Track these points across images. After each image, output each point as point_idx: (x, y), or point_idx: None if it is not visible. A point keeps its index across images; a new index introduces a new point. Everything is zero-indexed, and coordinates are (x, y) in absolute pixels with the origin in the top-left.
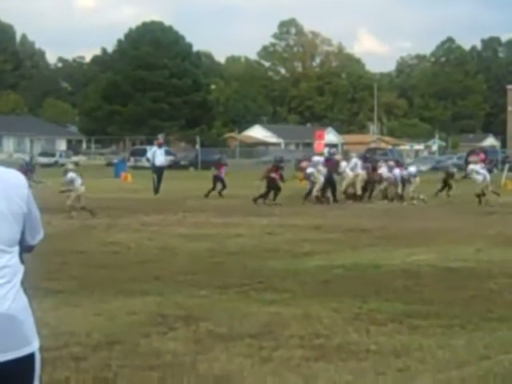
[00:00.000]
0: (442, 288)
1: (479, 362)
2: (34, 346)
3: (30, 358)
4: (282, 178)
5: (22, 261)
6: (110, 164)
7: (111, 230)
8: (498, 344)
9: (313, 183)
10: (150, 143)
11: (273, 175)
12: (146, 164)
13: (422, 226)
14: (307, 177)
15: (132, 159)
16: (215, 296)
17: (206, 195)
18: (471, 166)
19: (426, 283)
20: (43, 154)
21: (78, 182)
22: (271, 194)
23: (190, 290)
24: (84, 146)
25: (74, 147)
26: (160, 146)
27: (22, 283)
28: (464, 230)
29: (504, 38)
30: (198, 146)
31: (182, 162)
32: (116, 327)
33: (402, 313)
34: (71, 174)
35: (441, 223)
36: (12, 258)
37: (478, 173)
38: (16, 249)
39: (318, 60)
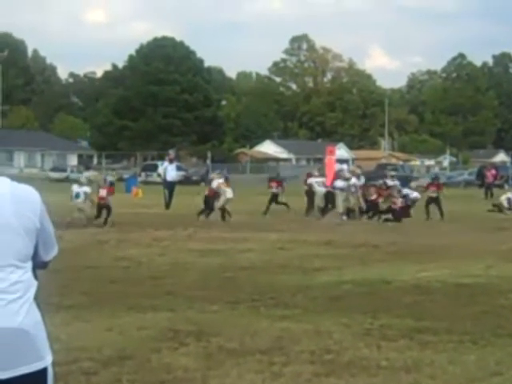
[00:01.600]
0: (452, 304)
1: (490, 378)
2: (46, 360)
3: (43, 372)
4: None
5: (36, 276)
6: (120, 179)
7: (122, 245)
8: (510, 360)
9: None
10: (161, 158)
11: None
12: (158, 179)
13: (432, 242)
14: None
15: (143, 174)
16: (226, 311)
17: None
18: None
19: (437, 299)
20: (54, 169)
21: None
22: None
23: (201, 306)
24: (95, 161)
25: (85, 162)
26: (171, 161)
27: (35, 298)
28: (475, 245)
29: None
30: (208, 162)
31: (194, 178)
32: (127, 342)
33: (413, 329)
34: (75, 187)
35: (451, 239)
36: (25, 273)
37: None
38: (29, 264)
39: (329, 75)
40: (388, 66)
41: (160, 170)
